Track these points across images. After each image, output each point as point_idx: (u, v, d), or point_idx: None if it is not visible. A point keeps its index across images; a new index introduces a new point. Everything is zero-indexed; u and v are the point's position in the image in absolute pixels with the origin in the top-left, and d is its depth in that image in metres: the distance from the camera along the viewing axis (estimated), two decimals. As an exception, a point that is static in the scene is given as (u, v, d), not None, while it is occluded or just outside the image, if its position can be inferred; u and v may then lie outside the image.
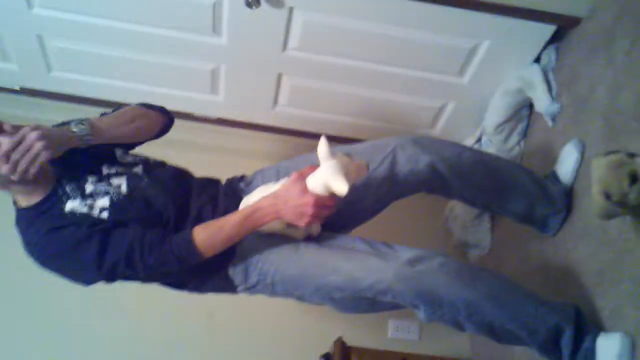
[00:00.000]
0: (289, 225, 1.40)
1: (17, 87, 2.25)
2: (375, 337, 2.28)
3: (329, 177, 1.29)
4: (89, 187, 1.38)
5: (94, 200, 1.36)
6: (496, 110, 1.94)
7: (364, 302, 1.43)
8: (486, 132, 2.02)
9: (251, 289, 1.48)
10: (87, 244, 1.31)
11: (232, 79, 2.11)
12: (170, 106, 1.58)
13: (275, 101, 2.19)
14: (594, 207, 1.33)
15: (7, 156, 1.18)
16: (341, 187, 1.27)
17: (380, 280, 1.34)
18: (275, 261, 1.43)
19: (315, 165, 1.34)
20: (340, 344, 2.08)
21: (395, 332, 2.33)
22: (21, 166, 1.18)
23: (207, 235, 1.35)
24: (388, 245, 1.44)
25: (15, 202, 1.39)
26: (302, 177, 1.33)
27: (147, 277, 1.43)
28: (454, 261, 1.40)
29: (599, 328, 1.38)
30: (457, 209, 2.13)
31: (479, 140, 2.07)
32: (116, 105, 2.23)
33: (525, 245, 1.89)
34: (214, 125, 2.35)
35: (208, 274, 1.47)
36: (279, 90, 2.14)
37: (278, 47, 1.92)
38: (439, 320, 1.39)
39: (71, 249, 1.32)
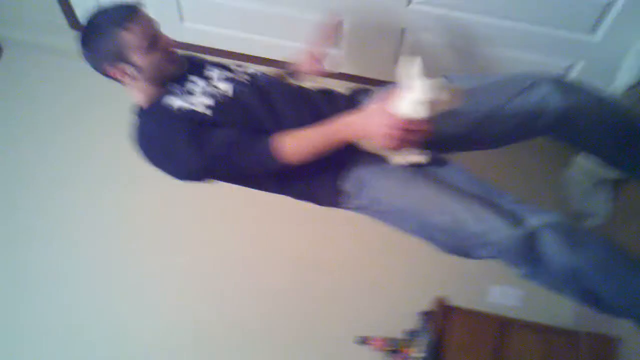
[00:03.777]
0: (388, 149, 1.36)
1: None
2: (476, 299, 2.27)
3: (411, 100, 1.24)
4: (195, 88, 1.44)
5: (194, 98, 1.41)
6: (629, 71, 1.82)
7: (464, 249, 1.38)
8: (616, 95, 1.89)
9: (360, 210, 1.47)
10: (184, 138, 1.36)
11: (354, 35, 2.10)
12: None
13: (396, 57, 2.15)
14: None
15: None
16: (417, 112, 1.23)
17: (488, 232, 1.30)
18: (386, 189, 1.41)
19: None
20: (442, 302, 2.09)
21: (497, 297, 2.30)
22: None
23: (292, 143, 1.36)
24: (503, 194, 1.38)
25: (135, 107, 1.48)
26: (392, 97, 1.29)
27: (251, 181, 1.50)
28: (567, 222, 1.32)
29: None
30: (577, 175, 2.03)
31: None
32: (241, 57, 2.31)
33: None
34: (334, 79, 2.31)
35: (320, 183, 1.47)
36: (401, 46, 2.10)
37: (402, 0, 1.89)
38: (539, 282, 1.35)
39: (169, 141, 1.38)
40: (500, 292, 2.30)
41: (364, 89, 1.60)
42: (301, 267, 2.43)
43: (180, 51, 1.53)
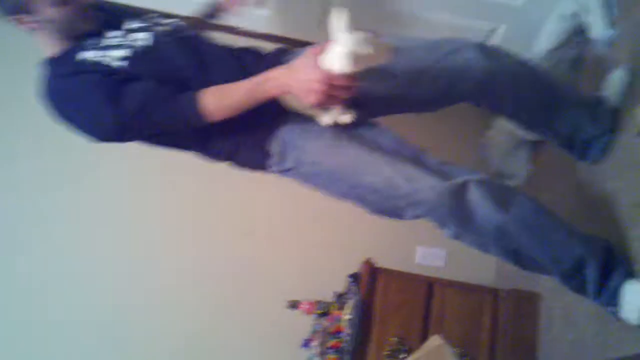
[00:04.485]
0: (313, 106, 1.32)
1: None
2: (403, 261, 2.30)
3: (336, 53, 1.20)
4: (106, 40, 1.38)
5: (109, 52, 1.35)
6: (549, 35, 1.85)
7: (395, 209, 1.38)
8: (536, 58, 1.93)
9: (284, 172, 1.43)
10: (98, 91, 1.30)
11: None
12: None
13: (321, 18, 2.08)
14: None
15: None
16: (341, 66, 1.20)
17: (418, 191, 1.31)
18: (314, 150, 1.38)
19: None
20: (369, 264, 2.12)
21: (422, 258, 2.36)
22: None
23: (215, 97, 1.31)
24: (429, 156, 1.40)
25: (42, 57, 1.42)
26: (319, 52, 1.25)
27: (172, 141, 1.44)
28: (492, 182, 1.36)
29: (629, 266, 1.34)
30: (497, 137, 2.08)
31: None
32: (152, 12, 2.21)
33: (562, 176, 1.85)
34: (258, 40, 2.27)
35: (245, 144, 1.43)
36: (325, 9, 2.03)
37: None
38: (466, 241, 1.37)
39: (81, 94, 1.32)
40: (425, 253, 2.36)
41: (289, 48, 1.56)
42: (230, 233, 2.41)
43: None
